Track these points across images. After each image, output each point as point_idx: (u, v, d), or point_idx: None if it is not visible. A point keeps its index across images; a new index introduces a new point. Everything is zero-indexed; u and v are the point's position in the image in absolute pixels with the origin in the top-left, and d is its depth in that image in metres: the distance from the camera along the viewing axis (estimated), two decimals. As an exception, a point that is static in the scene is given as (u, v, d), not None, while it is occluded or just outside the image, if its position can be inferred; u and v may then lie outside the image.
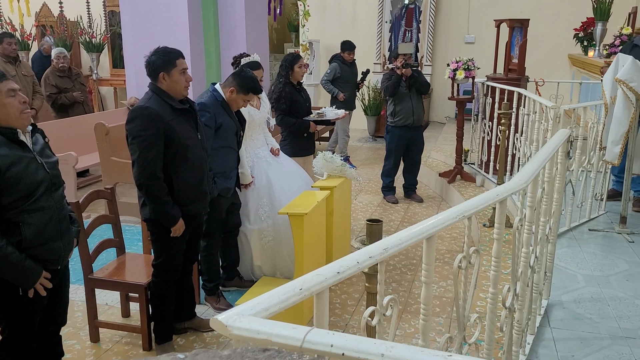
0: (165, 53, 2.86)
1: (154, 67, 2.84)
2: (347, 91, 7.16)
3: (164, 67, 2.82)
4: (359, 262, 1.25)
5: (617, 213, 4.20)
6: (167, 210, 2.86)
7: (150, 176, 2.79)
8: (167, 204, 2.85)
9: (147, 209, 2.93)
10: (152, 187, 2.82)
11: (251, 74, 3.48)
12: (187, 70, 2.91)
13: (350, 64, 7.28)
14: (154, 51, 2.88)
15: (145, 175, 2.79)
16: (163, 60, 2.83)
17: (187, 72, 2.92)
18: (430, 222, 1.50)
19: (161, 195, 2.83)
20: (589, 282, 3.32)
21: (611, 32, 7.27)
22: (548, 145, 2.46)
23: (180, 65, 2.86)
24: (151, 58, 2.86)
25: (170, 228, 2.91)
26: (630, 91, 3.73)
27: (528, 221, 2.19)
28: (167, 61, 2.83)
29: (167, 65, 2.83)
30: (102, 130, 5.10)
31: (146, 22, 6.27)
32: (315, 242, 3.63)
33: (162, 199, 2.84)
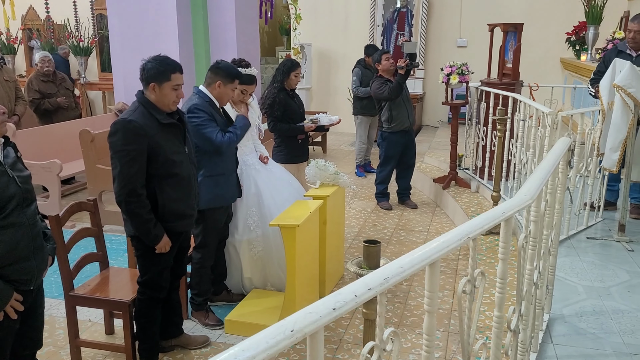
0: (162, 63, 2.71)
1: (148, 74, 2.69)
2: (368, 97, 6.82)
3: (157, 77, 2.67)
4: (357, 295, 1.13)
5: (613, 220, 4.12)
6: (149, 228, 2.71)
7: (131, 193, 2.65)
8: (149, 222, 2.70)
9: (129, 225, 2.78)
10: (133, 204, 2.67)
11: (227, 62, 3.41)
12: (181, 86, 2.75)
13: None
14: (153, 58, 2.73)
15: (126, 192, 2.65)
16: (158, 70, 2.68)
17: (181, 88, 2.76)
18: (432, 245, 1.39)
19: (143, 213, 2.69)
20: (590, 294, 3.22)
21: (603, 36, 7.24)
22: (550, 156, 2.36)
23: (174, 80, 2.71)
24: (147, 64, 2.71)
25: (153, 247, 2.77)
26: (629, 97, 3.65)
27: (533, 237, 2.08)
28: (162, 72, 2.68)
29: (161, 77, 2.67)
30: (87, 136, 4.95)
31: (134, 25, 6.14)
32: (308, 253, 3.52)
33: (143, 217, 2.69)
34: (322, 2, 9.92)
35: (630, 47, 4.24)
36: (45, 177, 5.17)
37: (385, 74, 5.46)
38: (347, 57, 9.77)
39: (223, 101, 3.38)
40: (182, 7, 6.11)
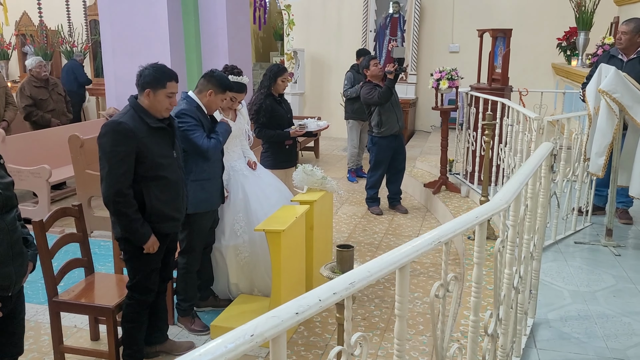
0: (159, 71, 2.78)
1: (144, 80, 2.76)
2: (359, 100, 6.84)
3: (153, 84, 2.74)
4: (321, 299, 1.13)
5: (602, 225, 4.13)
6: (136, 227, 2.75)
7: (118, 193, 2.70)
8: (136, 221, 2.74)
9: (117, 227, 2.82)
10: (120, 204, 2.72)
11: (222, 72, 3.46)
12: (175, 94, 2.83)
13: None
14: (151, 65, 2.81)
15: (113, 192, 2.70)
16: (154, 77, 2.75)
17: (175, 96, 2.84)
18: (402, 250, 1.39)
19: (130, 212, 2.73)
20: (576, 299, 3.22)
21: (594, 41, 7.26)
22: (530, 160, 2.37)
23: (169, 88, 2.78)
24: (145, 71, 2.78)
25: (141, 246, 2.79)
26: (614, 102, 3.66)
27: (510, 241, 2.08)
28: (158, 79, 2.75)
29: (156, 84, 2.74)
30: (77, 142, 4.95)
31: (126, 30, 6.15)
32: (294, 259, 3.51)
33: (130, 216, 2.73)
34: (315, 8, 9.95)
35: (621, 52, 4.26)
36: (35, 183, 5.16)
37: (374, 79, 5.48)
38: (340, 63, 9.81)
39: (211, 109, 3.41)
40: (173, 13, 6.13)
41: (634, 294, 3.26)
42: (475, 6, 9.11)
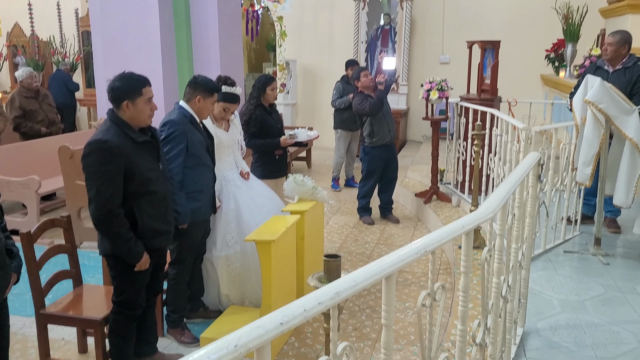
0: (131, 80, 2.68)
1: (119, 93, 2.66)
2: (347, 110, 6.74)
3: (129, 94, 2.65)
4: (306, 309, 1.13)
5: (590, 234, 4.15)
6: (129, 247, 2.69)
7: (110, 214, 2.62)
8: (129, 240, 2.68)
9: (105, 243, 2.75)
10: (112, 225, 2.64)
11: (205, 77, 3.45)
12: (152, 98, 2.75)
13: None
14: (119, 77, 2.70)
15: (104, 213, 2.61)
16: (129, 87, 2.66)
17: (153, 101, 2.75)
18: (388, 259, 1.40)
19: (123, 232, 2.66)
20: (565, 308, 3.24)
21: (581, 53, 7.36)
22: (517, 170, 2.39)
23: (146, 93, 2.69)
24: (115, 84, 2.67)
25: (134, 264, 2.74)
26: (600, 112, 3.71)
27: (498, 250, 2.10)
28: (133, 88, 2.66)
29: (133, 93, 2.65)
30: (67, 153, 4.94)
31: (117, 42, 6.15)
32: (284, 269, 3.51)
33: (124, 236, 2.66)
34: (307, 19, 10.02)
35: (607, 63, 4.32)
36: (24, 194, 5.14)
37: (366, 90, 5.52)
38: (332, 73, 9.83)
39: (203, 115, 3.41)
40: (165, 24, 6.14)
41: (622, 302, 3.28)
42: (464, 18, 9.20)
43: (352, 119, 6.76)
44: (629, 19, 6.48)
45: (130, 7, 5.55)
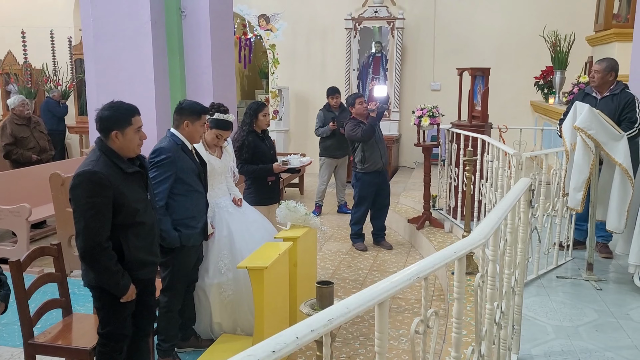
0: (120, 109, 2.66)
1: (108, 123, 2.62)
2: (337, 137, 6.83)
3: (119, 124, 2.62)
4: (299, 337, 1.12)
5: (583, 259, 4.16)
6: (117, 280, 2.64)
7: (97, 247, 2.57)
8: (117, 273, 2.63)
9: (90, 275, 2.70)
10: (101, 258, 2.59)
11: (190, 100, 3.47)
12: (142, 127, 2.73)
13: (338, 109, 7.04)
14: (108, 106, 2.67)
15: (92, 246, 2.56)
16: (118, 116, 2.63)
17: (142, 130, 2.73)
18: (381, 286, 1.39)
19: (111, 265, 2.61)
20: (559, 334, 3.22)
21: (569, 80, 7.48)
22: (508, 196, 2.40)
23: (135, 123, 2.67)
24: (104, 113, 2.64)
25: (120, 296, 2.70)
26: (589, 138, 3.75)
27: (491, 276, 2.10)
28: (122, 118, 2.63)
29: (122, 123, 2.62)
30: (58, 180, 4.92)
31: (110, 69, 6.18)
32: (277, 296, 3.48)
33: (112, 269, 2.61)
34: (299, 47, 10.15)
35: (595, 90, 4.39)
36: (14, 222, 5.09)
37: (359, 117, 5.57)
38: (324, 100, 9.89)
39: (194, 139, 3.41)
40: (158, 52, 6.19)
41: (615, 328, 3.27)
42: (455, 45, 9.35)
43: (336, 146, 6.81)
44: (616, 47, 6.62)
45: (124, 35, 5.59)
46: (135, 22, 5.45)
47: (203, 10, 5.95)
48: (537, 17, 8.65)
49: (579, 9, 8.46)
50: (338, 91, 7.15)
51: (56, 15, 10.72)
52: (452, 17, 9.39)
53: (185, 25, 6.01)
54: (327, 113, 7.06)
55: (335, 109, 7.07)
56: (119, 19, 5.50)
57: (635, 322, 3.36)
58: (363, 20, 9.34)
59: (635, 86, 4.99)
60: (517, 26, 9.06)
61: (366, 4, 9.51)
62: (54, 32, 10.48)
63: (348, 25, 9.36)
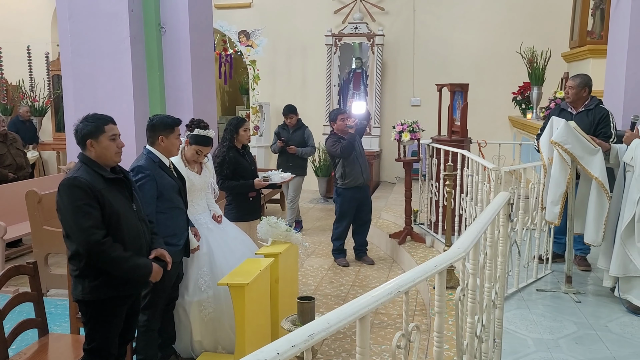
0: (93, 119, 2.73)
1: (82, 134, 2.70)
2: (285, 156, 6.79)
3: (92, 134, 2.69)
4: (280, 352, 1.11)
5: (562, 272, 4.20)
6: (135, 263, 2.70)
7: (97, 244, 2.59)
8: (131, 257, 2.69)
9: (79, 288, 2.69)
10: (107, 251, 2.61)
11: (160, 115, 3.46)
12: (118, 136, 2.77)
13: (294, 128, 6.96)
14: (83, 118, 2.75)
15: (92, 245, 2.58)
16: (91, 127, 2.70)
17: (119, 138, 2.78)
18: (362, 300, 1.39)
19: (120, 253, 2.65)
20: (539, 347, 3.24)
21: (546, 95, 7.63)
22: (487, 209, 2.42)
23: (109, 131, 2.73)
24: (78, 126, 2.72)
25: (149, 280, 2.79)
26: (566, 153, 3.82)
27: (471, 289, 2.10)
28: (95, 127, 2.70)
29: (95, 132, 2.69)
30: (34, 198, 4.83)
31: (88, 85, 6.13)
32: (258, 313, 3.44)
33: (123, 256, 2.65)
34: (280, 63, 10.20)
35: (570, 106, 4.47)
36: (-11, 240, 4.98)
37: (340, 133, 5.59)
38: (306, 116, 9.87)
39: (172, 152, 3.39)
40: (137, 68, 6.16)
41: (595, 340, 3.31)
42: (434, 62, 9.48)
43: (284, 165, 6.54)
44: (590, 63, 6.77)
45: (102, 51, 5.56)
46: (114, 38, 5.43)
47: (183, 26, 5.95)
48: (513, 34, 8.83)
49: (554, 26, 8.66)
50: (294, 111, 7.00)
51: (33, 31, 10.62)
52: (431, 34, 9.53)
53: (165, 41, 6.00)
54: (281, 130, 6.97)
55: (291, 127, 6.96)
56: (98, 34, 5.47)
57: (613, 333, 3.40)
58: (343, 37, 9.44)
59: (610, 101, 5.12)
60: (494, 43, 9.23)
61: (346, 21, 9.62)
62: (30, 48, 10.37)
63: (328, 42, 9.44)
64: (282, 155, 6.87)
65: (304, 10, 9.92)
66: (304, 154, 6.84)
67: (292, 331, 1.41)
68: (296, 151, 6.73)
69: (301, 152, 6.79)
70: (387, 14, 9.70)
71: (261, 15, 10.11)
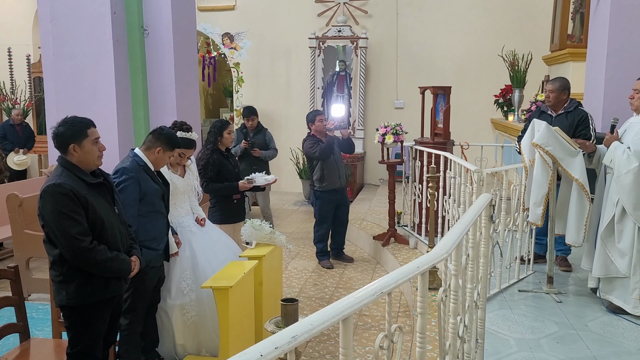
0: (75, 123, 2.72)
1: (63, 138, 2.68)
2: (248, 159, 6.45)
3: (75, 138, 2.67)
4: (263, 354, 1.12)
5: (543, 272, 4.26)
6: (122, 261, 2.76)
7: (84, 250, 2.60)
8: (115, 258, 2.73)
9: (63, 294, 2.68)
10: (94, 256, 2.63)
11: (170, 130, 3.51)
12: (99, 139, 2.77)
13: (254, 131, 6.68)
14: (62, 122, 2.73)
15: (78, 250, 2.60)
16: (73, 130, 2.68)
17: (100, 141, 2.78)
18: (345, 302, 1.40)
19: (106, 255, 2.68)
20: (522, 347, 3.28)
21: (528, 97, 7.73)
22: (469, 211, 2.45)
23: (92, 134, 2.72)
24: (59, 129, 2.69)
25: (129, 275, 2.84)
26: (547, 155, 3.87)
27: (454, 290, 2.13)
28: (78, 131, 2.68)
29: (78, 136, 2.68)
30: (15, 201, 4.78)
31: (70, 88, 6.07)
32: (242, 316, 3.44)
33: (109, 257, 2.69)
34: (264, 65, 10.19)
35: (550, 108, 4.54)
36: (-32, 244, 4.91)
37: (318, 134, 5.61)
38: (290, 118, 9.99)
39: (159, 166, 3.42)
40: (120, 70, 6.12)
41: (575, 339, 3.35)
42: (417, 65, 9.55)
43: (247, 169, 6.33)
44: (570, 66, 6.88)
45: (85, 53, 5.52)
46: (96, 41, 5.39)
47: (166, 28, 5.92)
48: (495, 37, 8.92)
49: (535, 30, 8.77)
50: (254, 112, 6.77)
51: (14, 33, 10.48)
52: (414, 38, 9.60)
53: (148, 44, 5.96)
54: (239, 133, 6.67)
55: (251, 129, 6.68)
56: (80, 37, 5.42)
57: (594, 333, 3.45)
58: (327, 40, 9.46)
59: (590, 104, 5.20)
60: (476, 46, 9.32)
61: (330, 24, 9.64)
62: (11, 50, 10.25)
63: (312, 44, 9.45)
64: (244, 158, 6.47)
65: (288, 13, 9.93)
66: (267, 157, 6.54)
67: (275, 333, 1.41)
68: (260, 154, 6.46)
69: (265, 155, 6.50)
70: (371, 17, 9.75)
71: (245, 18, 10.10)
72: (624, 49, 4.89)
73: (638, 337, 3.37)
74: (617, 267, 3.71)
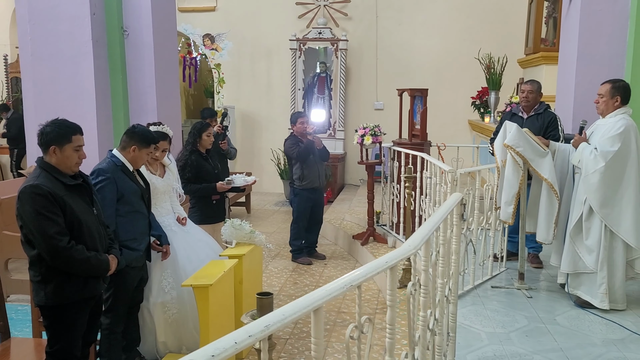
0: (62, 126, 2.75)
1: (47, 138, 2.71)
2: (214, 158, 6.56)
3: (58, 140, 2.71)
4: (237, 342, 1.20)
5: (516, 269, 4.39)
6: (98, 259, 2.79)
7: (62, 249, 2.64)
8: (93, 257, 2.77)
9: (41, 294, 2.71)
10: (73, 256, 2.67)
11: (143, 127, 3.54)
12: (82, 147, 2.81)
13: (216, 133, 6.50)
14: (51, 122, 2.76)
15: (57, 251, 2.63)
16: (58, 133, 2.72)
17: (82, 150, 2.81)
18: (317, 294, 1.49)
19: (84, 254, 2.72)
20: (492, 340, 3.40)
21: (503, 99, 7.91)
22: (440, 209, 2.56)
23: (75, 141, 2.76)
24: (46, 129, 2.73)
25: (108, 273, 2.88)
26: (518, 155, 4.00)
27: (423, 285, 2.23)
28: (63, 135, 2.72)
29: (62, 140, 2.71)
30: (-6, 202, 4.77)
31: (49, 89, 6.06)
32: (222, 314, 3.51)
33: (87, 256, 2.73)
34: (245, 66, 10.25)
35: (522, 109, 4.68)
36: (-54, 246, 4.88)
37: (299, 135, 5.73)
38: (271, 119, 10.07)
39: (137, 165, 3.44)
40: (100, 71, 6.12)
41: (544, 333, 3.49)
42: (396, 67, 9.69)
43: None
44: (544, 69, 7.07)
45: (63, 54, 5.52)
46: (75, 42, 5.40)
47: (146, 29, 5.95)
48: (472, 40, 9.10)
49: (510, 34, 8.97)
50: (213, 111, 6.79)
51: (-9, 33, 10.41)
52: (393, 40, 9.74)
53: (127, 44, 5.98)
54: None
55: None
56: (59, 38, 5.43)
57: (561, 326, 3.59)
58: (307, 41, 9.55)
59: (561, 106, 5.37)
60: (454, 49, 9.49)
61: (310, 26, 9.74)
62: (-11, 50, 10.16)
63: (293, 46, 9.54)
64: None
65: (269, 14, 10.00)
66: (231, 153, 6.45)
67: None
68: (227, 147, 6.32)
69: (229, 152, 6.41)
70: (351, 19, 9.87)
71: (226, 19, 10.15)
72: (593, 53, 5.05)
73: (603, 330, 3.52)
74: (585, 263, 3.85)
